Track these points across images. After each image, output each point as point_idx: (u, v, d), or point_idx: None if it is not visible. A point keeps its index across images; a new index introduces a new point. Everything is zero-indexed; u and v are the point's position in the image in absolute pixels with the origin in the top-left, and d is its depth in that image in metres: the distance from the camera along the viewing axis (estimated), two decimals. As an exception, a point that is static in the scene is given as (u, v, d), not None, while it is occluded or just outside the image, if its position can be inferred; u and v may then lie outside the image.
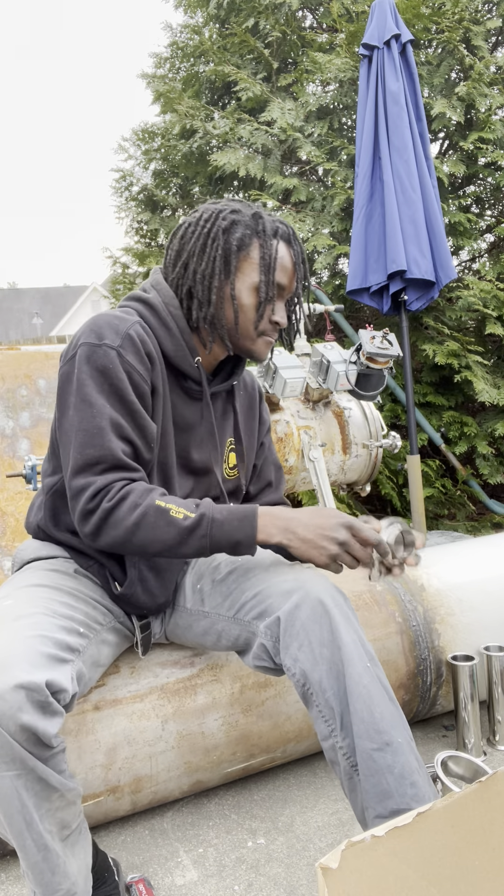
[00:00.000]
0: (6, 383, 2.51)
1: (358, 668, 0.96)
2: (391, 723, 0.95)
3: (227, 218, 1.10)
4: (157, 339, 1.12)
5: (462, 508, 3.55)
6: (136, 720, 1.25)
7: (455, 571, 1.64)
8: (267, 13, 3.98)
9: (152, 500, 1.00)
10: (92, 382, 1.02)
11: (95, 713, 1.24)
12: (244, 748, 1.35)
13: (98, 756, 1.22)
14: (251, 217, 1.11)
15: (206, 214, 1.12)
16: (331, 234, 3.69)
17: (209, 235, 1.10)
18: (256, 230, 1.11)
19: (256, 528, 1.01)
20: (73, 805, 0.96)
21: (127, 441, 1.04)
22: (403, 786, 0.92)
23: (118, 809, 1.28)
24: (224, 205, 1.14)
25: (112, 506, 0.99)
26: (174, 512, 0.99)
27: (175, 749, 1.28)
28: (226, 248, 1.10)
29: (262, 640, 1.06)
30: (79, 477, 1.01)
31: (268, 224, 1.12)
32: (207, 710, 1.31)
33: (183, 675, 1.32)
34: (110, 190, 4.89)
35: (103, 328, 1.06)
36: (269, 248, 1.10)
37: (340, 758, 0.97)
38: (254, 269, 1.11)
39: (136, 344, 1.06)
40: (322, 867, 0.69)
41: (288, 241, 1.14)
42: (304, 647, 0.99)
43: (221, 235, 1.09)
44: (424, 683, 1.51)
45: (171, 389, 1.15)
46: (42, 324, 33.28)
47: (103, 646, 1.12)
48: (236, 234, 1.10)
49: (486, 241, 4.06)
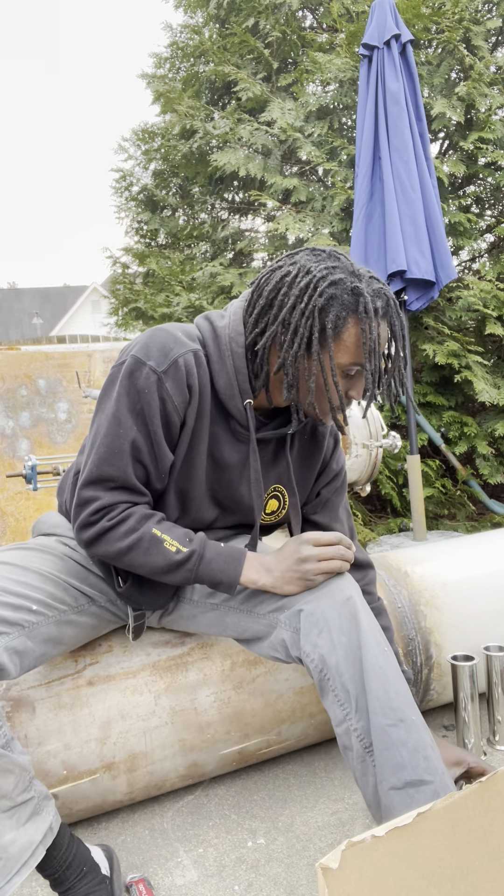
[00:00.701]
0: (6, 383, 2.51)
1: (374, 651, 1.01)
2: (406, 701, 0.99)
3: (324, 293, 0.99)
4: (211, 372, 1.09)
5: (462, 508, 3.55)
6: (129, 695, 1.29)
7: (440, 561, 1.68)
8: (267, 13, 3.98)
9: (149, 528, 1.06)
10: (127, 400, 1.05)
11: (89, 688, 1.28)
12: (238, 727, 1.36)
13: (93, 730, 1.25)
14: (350, 293, 1.00)
15: (304, 282, 1.01)
16: (331, 234, 3.69)
17: (304, 314, 1.00)
18: (356, 309, 1.00)
19: (240, 573, 1.08)
20: (11, 774, 0.97)
21: (142, 465, 1.08)
22: (417, 759, 0.96)
23: (115, 791, 1.28)
24: (325, 269, 1.01)
25: (111, 525, 1.06)
26: (167, 544, 1.06)
27: (169, 725, 1.30)
28: (321, 330, 1.00)
29: (281, 632, 1.09)
30: (89, 488, 1.06)
31: (369, 301, 1.00)
32: (199, 686, 1.34)
33: (174, 653, 1.37)
34: (110, 190, 4.89)
35: (154, 348, 1.05)
36: (368, 331, 1.00)
37: (354, 740, 1.00)
38: (346, 353, 1.02)
39: (180, 373, 1.04)
40: (322, 867, 0.69)
41: (389, 317, 1.03)
42: (323, 633, 1.03)
43: (317, 315, 1.00)
44: (415, 665, 1.52)
45: (217, 422, 1.12)
46: (42, 324, 33.29)
47: (67, 626, 1.15)
48: (332, 314, 1.00)
49: (486, 241, 4.06)
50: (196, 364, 1.06)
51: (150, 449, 1.07)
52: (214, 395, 1.11)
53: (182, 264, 4.56)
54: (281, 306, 1.03)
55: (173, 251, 4.87)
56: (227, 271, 4.06)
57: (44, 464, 1.98)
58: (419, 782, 0.95)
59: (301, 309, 1.00)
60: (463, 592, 1.61)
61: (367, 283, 1.02)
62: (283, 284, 1.03)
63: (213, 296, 4.20)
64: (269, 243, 4.25)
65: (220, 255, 4.50)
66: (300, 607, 1.07)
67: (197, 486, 1.15)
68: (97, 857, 1.13)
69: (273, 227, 3.86)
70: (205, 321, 1.13)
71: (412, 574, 1.63)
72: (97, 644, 1.36)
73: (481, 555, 1.71)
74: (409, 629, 1.54)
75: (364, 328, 0.99)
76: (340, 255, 1.04)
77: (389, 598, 1.56)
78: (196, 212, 4.87)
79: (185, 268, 4.50)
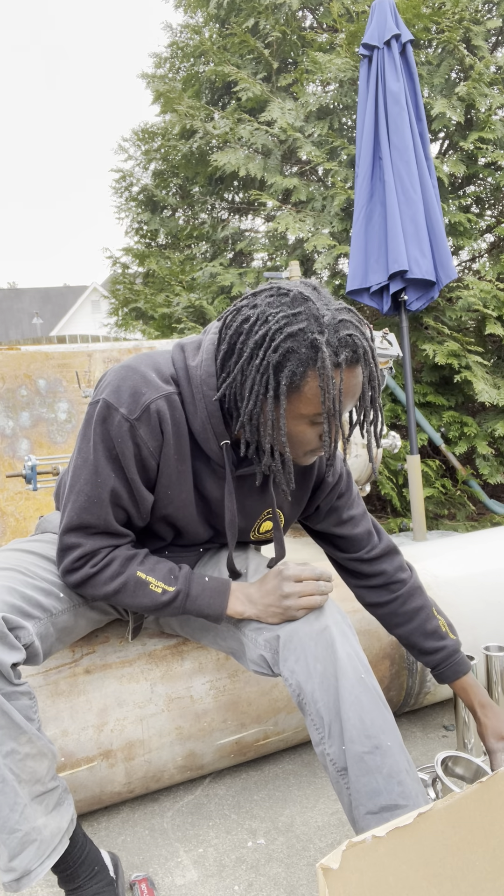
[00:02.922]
0: (6, 383, 2.51)
1: (351, 680, 1.02)
2: (381, 728, 1.01)
3: (279, 348, 0.93)
4: (186, 413, 1.06)
5: (462, 508, 3.55)
6: (125, 682, 1.31)
7: (436, 558, 1.69)
8: (267, 13, 3.98)
9: (133, 571, 1.08)
10: (103, 447, 1.04)
11: (86, 676, 1.30)
12: (234, 716, 1.37)
13: (90, 716, 1.27)
14: (309, 346, 0.93)
15: (260, 333, 0.95)
16: (331, 234, 3.69)
17: (259, 370, 0.95)
18: (314, 363, 0.93)
19: (226, 606, 1.11)
20: (45, 758, 1.00)
21: (122, 509, 1.09)
22: (391, 784, 0.98)
23: (113, 780, 1.29)
24: (283, 319, 0.94)
25: (95, 572, 1.08)
26: (153, 586, 1.08)
27: (165, 712, 1.32)
28: (276, 390, 0.96)
29: (261, 652, 1.12)
30: (70, 535, 1.08)
31: (327, 356, 0.92)
32: (194, 674, 1.36)
33: (170, 642, 1.39)
34: (110, 190, 4.90)
35: (125, 392, 1.02)
36: (329, 386, 0.93)
37: (328, 763, 1.03)
38: (308, 404, 0.97)
39: (153, 419, 1.02)
40: (323, 867, 0.69)
41: (356, 364, 0.96)
42: (300, 660, 1.05)
43: (272, 372, 0.94)
44: (409, 654, 1.53)
45: (198, 458, 1.11)
46: (42, 324, 33.29)
47: (81, 618, 1.17)
48: (286, 370, 0.94)
49: (486, 241, 4.06)
50: (170, 408, 1.04)
51: (130, 494, 1.08)
52: (192, 435, 1.08)
53: (182, 264, 4.56)
54: (239, 355, 0.99)
55: (173, 251, 4.87)
56: (227, 271, 4.06)
57: (44, 464, 1.98)
58: (394, 807, 0.98)
59: (256, 365, 0.95)
60: (458, 587, 1.61)
61: (332, 331, 0.94)
62: (242, 332, 0.98)
63: (213, 296, 4.20)
64: (269, 243, 4.25)
65: (220, 255, 4.50)
66: (278, 633, 1.10)
67: (187, 516, 1.15)
68: (105, 859, 1.14)
69: (273, 226, 3.86)
70: (180, 355, 1.09)
71: None
72: (94, 635, 1.37)
73: (476, 552, 1.71)
74: None
75: (323, 383, 0.93)
76: (309, 297, 0.96)
77: None
78: (196, 212, 4.87)
79: (185, 268, 4.50)
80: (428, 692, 1.59)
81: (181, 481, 1.10)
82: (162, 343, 2.73)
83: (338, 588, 1.56)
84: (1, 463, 2.49)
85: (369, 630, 1.50)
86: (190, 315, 4.20)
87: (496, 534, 1.81)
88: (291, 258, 4.03)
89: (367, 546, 1.29)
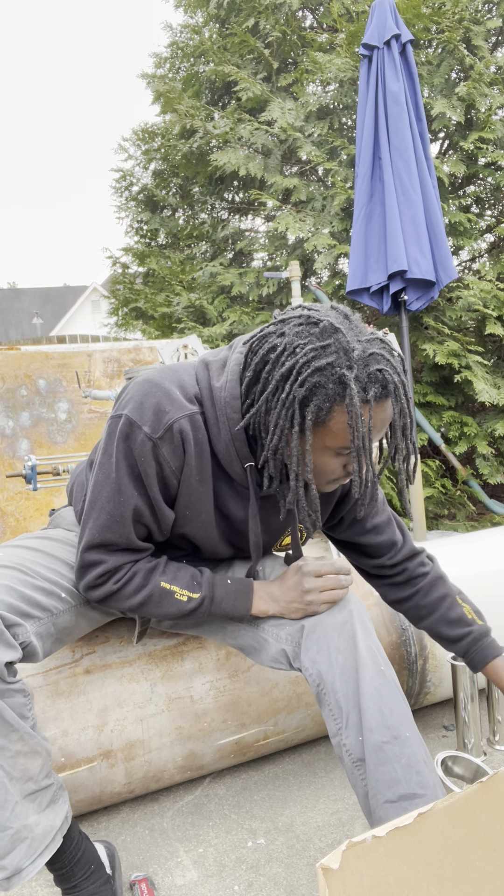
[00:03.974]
0: (6, 383, 2.51)
1: (370, 671, 1.04)
2: (400, 718, 1.02)
3: (305, 383, 0.91)
4: (209, 434, 1.05)
5: (462, 508, 3.55)
6: (125, 682, 1.31)
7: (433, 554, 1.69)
8: (267, 13, 3.98)
9: (157, 582, 1.09)
10: (126, 465, 1.03)
11: (86, 676, 1.30)
12: (234, 716, 1.38)
13: (90, 717, 1.27)
14: (337, 381, 0.91)
15: (287, 365, 0.92)
16: (331, 234, 3.69)
17: (285, 404, 0.93)
18: (342, 399, 0.91)
19: (251, 606, 1.13)
20: (39, 756, 1.00)
21: (144, 526, 1.09)
22: (410, 774, 0.99)
23: (113, 780, 1.29)
24: (311, 352, 0.92)
25: (118, 588, 1.08)
26: (178, 595, 1.09)
27: (165, 713, 1.32)
28: (302, 426, 0.94)
29: (283, 647, 1.13)
30: (92, 552, 1.07)
31: (355, 392, 0.90)
32: (195, 675, 1.36)
33: (169, 643, 1.39)
34: (110, 190, 4.89)
35: (148, 410, 1.00)
36: (357, 421, 0.91)
37: (344, 754, 1.04)
38: (334, 438, 0.95)
39: (175, 438, 1.01)
40: (323, 867, 0.69)
41: (386, 399, 0.94)
42: (322, 650, 1.07)
43: (297, 407, 0.93)
44: (409, 655, 1.53)
45: (220, 479, 1.10)
46: (42, 324, 33.29)
47: (82, 618, 1.17)
48: (313, 405, 0.92)
49: (486, 241, 4.06)
50: (192, 428, 1.02)
51: (152, 512, 1.07)
52: (214, 456, 1.07)
53: (182, 264, 4.56)
54: (265, 385, 0.97)
55: (173, 251, 4.87)
56: (227, 271, 4.06)
57: (44, 464, 1.98)
58: (412, 795, 0.99)
59: (282, 399, 0.93)
60: (456, 583, 1.61)
61: (361, 365, 0.92)
62: (269, 361, 0.96)
63: (213, 296, 4.20)
64: (269, 243, 4.25)
65: (220, 255, 4.50)
66: (303, 623, 1.11)
67: (207, 535, 1.15)
68: (101, 856, 1.13)
69: (273, 226, 3.86)
70: (204, 373, 1.07)
71: None
72: (94, 635, 1.37)
73: (476, 552, 1.71)
74: (403, 620, 1.56)
75: (352, 421, 0.91)
76: (339, 328, 0.93)
77: None
78: (196, 212, 4.87)
79: (185, 268, 4.50)
80: (428, 692, 1.59)
81: (201, 501, 1.09)
82: (162, 343, 2.73)
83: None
84: (1, 463, 2.49)
85: None
86: (190, 315, 4.20)
87: (496, 534, 1.81)
88: (291, 258, 4.03)
89: (390, 552, 1.27)
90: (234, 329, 3.90)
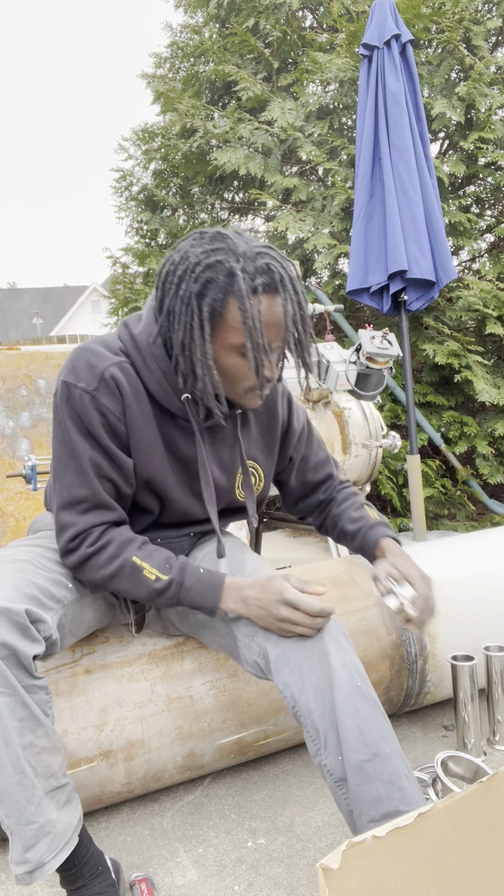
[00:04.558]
0: (6, 383, 2.51)
1: (347, 689, 1.02)
2: (379, 735, 1.01)
3: (199, 279, 0.99)
4: (142, 378, 1.11)
5: (462, 508, 3.55)
6: (125, 682, 1.31)
7: (434, 557, 1.69)
8: (267, 13, 3.98)
9: (129, 556, 1.10)
10: (71, 424, 1.09)
11: (86, 676, 1.30)
12: (234, 716, 1.37)
13: (90, 716, 1.27)
14: (227, 274, 0.98)
15: (182, 269, 1.01)
16: (331, 234, 3.69)
17: (183, 301, 1.01)
18: (232, 290, 0.99)
19: (219, 600, 1.11)
20: (59, 753, 1.03)
21: (107, 479, 1.12)
22: (392, 790, 0.98)
23: (113, 780, 1.29)
24: (202, 254, 1.00)
25: (92, 552, 1.10)
26: (147, 572, 1.10)
27: (165, 712, 1.32)
28: (200, 317, 1.01)
29: (255, 658, 1.12)
30: (64, 513, 1.11)
31: (242, 279, 0.98)
32: (195, 674, 1.36)
33: (170, 643, 1.39)
34: (110, 190, 4.89)
35: (81, 368, 1.08)
36: (247, 311, 0.98)
37: (326, 775, 1.03)
38: (232, 334, 1.01)
39: (110, 386, 1.08)
40: (323, 867, 0.69)
41: (274, 291, 1.01)
42: (293, 672, 1.05)
43: (195, 301, 1.00)
44: (409, 654, 1.53)
45: (165, 422, 1.15)
46: (42, 324, 33.28)
47: (88, 609, 1.19)
48: (208, 297, 1.00)
49: (486, 241, 4.06)
50: (124, 374, 1.09)
51: (110, 461, 1.10)
52: (152, 399, 1.12)
53: (182, 264, 4.55)
54: (166, 293, 1.04)
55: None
56: (227, 271, 4.05)
57: (44, 464, 1.98)
58: (396, 813, 0.98)
59: (181, 296, 1.01)
60: (458, 587, 1.61)
61: (249, 260, 1.00)
62: (168, 273, 1.04)
63: (213, 296, 4.19)
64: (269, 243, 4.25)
65: (220, 255, 4.49)
66: (268, 648, 1.08)
67: (167, 480, 1.18)
68: (107, 862, 1.14)
69: (273, 226, 3.86)
70: (124, 329, 1.14)
71: None
72: (94, 635, 1.37)
73: (476, 552, 1.71)
74: None
75: (242, 307, 0.98)
76: (228, 236, 1.02)
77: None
78: (196, 211, 4.86)
79: (185, 268, 4.49)
80: (428, 692, 1.59)
81: (152, 444, 1.14)
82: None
83: (337, 588, 1.56)
84: (1, 463, 2.49)
85: (369, 630, 1.51)
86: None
87: (496, 534, 1.81)
88: (291, 258, 4.03)
89: (327, 483, 1.40)
90: (234, 329, 3.90)
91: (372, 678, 1.49)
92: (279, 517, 3.42)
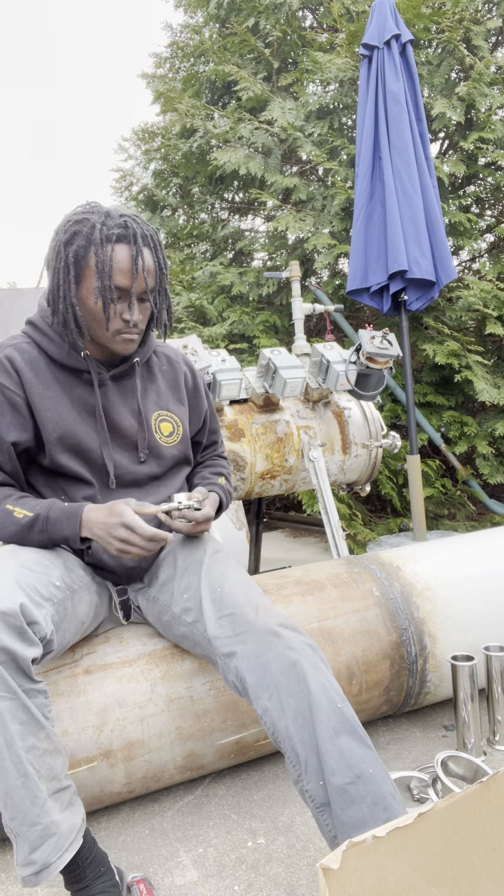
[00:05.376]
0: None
1: (326, 712, 1.02)
2: (361, 756, 1.00)
3: (68, 231, 1.17)
4: (43, 349, 1.26)
5: (462, 508, 3.55)
6: (125, 682, 1.32)
7: (433, 557, 1.69)
8: (267, 13, 3.98)
9: (3, 505, 1.20)
10: None
11: (86, 676, 1.30)
12: (234, 716, 1.37)
13: (90, 717, 1.27)
14: (90, 227, 1.16)
15: (58, 225, 1.20)
16: (331, 234, 3.69)
17: (54, 250, 1.19)
18: (91, 239, 1.16)
19: (79, 529, 1.18)
20: (61, 756, 1.04)
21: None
22: (377, 811, 0.97)
23: (113, 780, 1.29)
24: (73, 214, 1.19)
25: None
26: (16, 513, 1.19)
27: (165, 713, 1.32)
28: (66, 261, 1.17)
29: (233, 680, 1.12)
30: None
31: (102, 231, 1.15)
32: (195, 674, 1.36)
33: (169, 643, 1.39)
34: (110, 190, 4.89)
35: None
36: (102, 255, 1.15)
37: (307, 800, 1.01)
38: (92, 277, 1.17)
39: (5, 366, 1.23)
40: (323, 868, 0.69)
41: (127, 242, 1.17)
42: (273, 698, 1.05)
43: (63, 249, 1.17)
44: (409, 654, 1.53)
45: (71, 381, 1.27)
46: (42, 323, 33.24)
47: (80, 604, 1.23)
48: (74, 245, 1.17)
49: (486, 241, 4.06)
50: (19, 352, 1.24)
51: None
52: (57, 364, 1.26)
53: (182, 264, 4.56)
54: (48, 251, 1.21)
55: (173, 251, 4.87)
56: (227, 271, 4.06)
57: None
58: None
59: (53, 247, 1.19)
60: (458, 587, 1.61)
61: (111, 218, 1.17)
62: (51, 238, 1.21)
63: (214, 295, 4.20)
64: (269, 243, 4.26)
65: (220, 255, 4.50)
66: (245, 677, 1.08)
67: (80, 432, 1.26)
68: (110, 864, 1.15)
69: (273, 226, 3.86)
70: (25, 325, 1.31)
71: (404, 568, 1.65)
72: (94, 636, 1.38)
73: (476, 552, 1.71)
74: (402, 619, 1.54)
75: (96, 252, 1.15)
76: (104, 205, 1.22)
77: (381, 591, 1.57)
78: (196, 211, 4.86)
79: (186, 267, 4.50)
80: (428, 692, 1.59)
81: (57, 400, 1.24)
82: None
83: (327, 590, 1.56)
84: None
85: (369, 630, 1.51)
86: (190, 314, 4.20)
87: (496, 534, 1.81)
88: (291, 258, 4.03)
89: (211, 449, 1.54)
90: (233, 329, 3.90)
91: (372, 678, 1.49)
92: (279, 517, 3.42)
